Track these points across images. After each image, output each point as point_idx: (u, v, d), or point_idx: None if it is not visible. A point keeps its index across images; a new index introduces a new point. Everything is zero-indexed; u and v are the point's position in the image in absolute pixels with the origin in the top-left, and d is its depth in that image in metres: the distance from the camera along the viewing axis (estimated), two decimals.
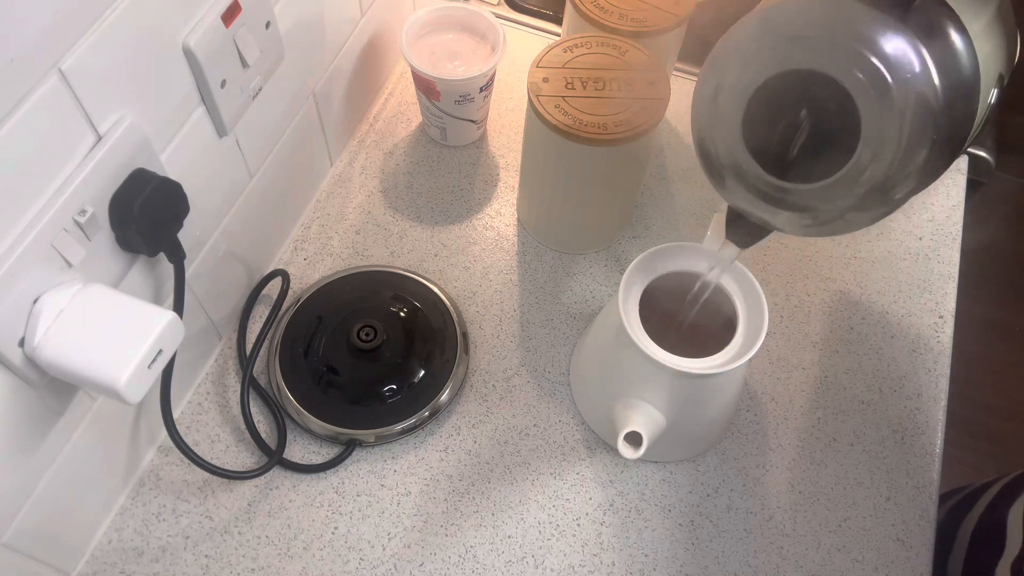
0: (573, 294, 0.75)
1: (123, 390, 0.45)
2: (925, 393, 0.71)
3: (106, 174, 0.47)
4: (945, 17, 0.39)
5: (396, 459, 0.66)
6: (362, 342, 0.67)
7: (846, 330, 0.74)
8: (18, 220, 0.43)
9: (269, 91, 0.62)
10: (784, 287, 0.76)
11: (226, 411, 0.67)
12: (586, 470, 0.66)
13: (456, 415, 0.68)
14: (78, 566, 0.60)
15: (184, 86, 0.53)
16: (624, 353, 0.59)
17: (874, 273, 0.77)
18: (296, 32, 0.63)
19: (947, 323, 0.75)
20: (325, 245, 0.76)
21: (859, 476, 0.67)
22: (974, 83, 0.40)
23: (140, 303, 0.47)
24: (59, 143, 0.44)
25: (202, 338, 0.67)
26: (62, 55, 0.42)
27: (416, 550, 0.62)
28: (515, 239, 0.78)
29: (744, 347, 0.57)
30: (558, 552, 0.62)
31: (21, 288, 0.44)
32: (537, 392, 0.69)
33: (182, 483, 0.64)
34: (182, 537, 0.62)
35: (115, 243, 0.50)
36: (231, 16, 0.53)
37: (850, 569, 0.63)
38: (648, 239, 0.79)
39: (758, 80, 0.42)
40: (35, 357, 0.45)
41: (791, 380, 0.71)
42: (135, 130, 0.48)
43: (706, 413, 0.64)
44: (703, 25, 0.84)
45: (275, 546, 0.62)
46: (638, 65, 0.67)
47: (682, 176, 0.83)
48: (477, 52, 0.77)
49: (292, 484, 0.64)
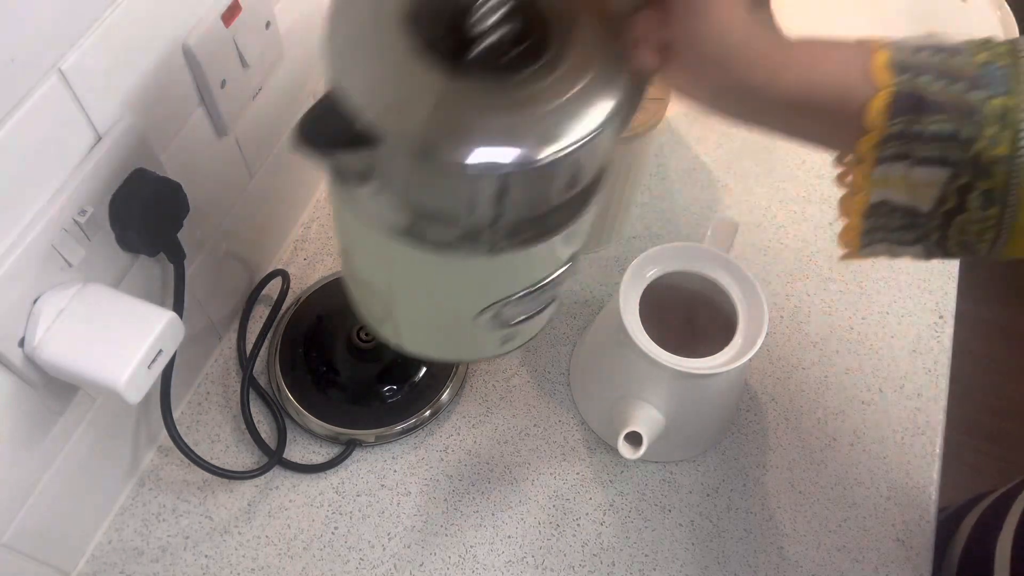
0: (573, 294, 0.75)
1: (123, 390, 0.45)
2: (925, 393, 0.71)
3: (106, 174, 0.47)
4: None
5: (396, 459, 0.66)
6: (362, 342, 0.67)
7: (846, 330, 0.74)
8: (18, 220, 0.43)
9: (269, 91, 0.62)
10: (784, 287, 0.76)
11: (226, 411, 0.67)
12: (586, 470, 0.66)
13: (456, 415, 0.68)
14: (78, 566, 0.60)
15: (184, 86, 0.53)
16: (624, 353, 0.59)
17: (874, 273, 0.77)
18: (296, 32, 0.63)
19: (947, 323, 0.75)
20: (325, 245, 0.76)
21: (859, 476, 0.67)
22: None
23: (140, 303, 0.47)
24: (59, 143, 0.44)
25: (202, 338, 0.67)
26: (62, 55, 0.42)
27: (416, 550, 0.62)
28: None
29: (744, 347, 0.57)
30: (558, 552, 0.62)
31: (21, 288, 0.44)
32: (537, 392, 0.69)
33: (182, 483, 0.64)
34: (182, 537, 0.62)
35: (115, 243, 0.50)
36: (231, 16, 0.53)
37: (850, 569, 0.63)
38: (648, 239, 0.79)
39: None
40: (35, 357, 0.45)
41: (791, 380, 0.71)
42: (135, 130, 0.48)
43: (706, 413, 0.64)
44: None
45: (275, 546, 0.62)
46: None
47: (682, 176, 0.83)
48: None
49: (292, 484, 0.64)
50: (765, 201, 0.81)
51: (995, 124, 0.39)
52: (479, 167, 0.35)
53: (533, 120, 0.36)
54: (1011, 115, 0.39)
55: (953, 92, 0.40)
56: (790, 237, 0.79)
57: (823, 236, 0.79)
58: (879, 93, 0.41)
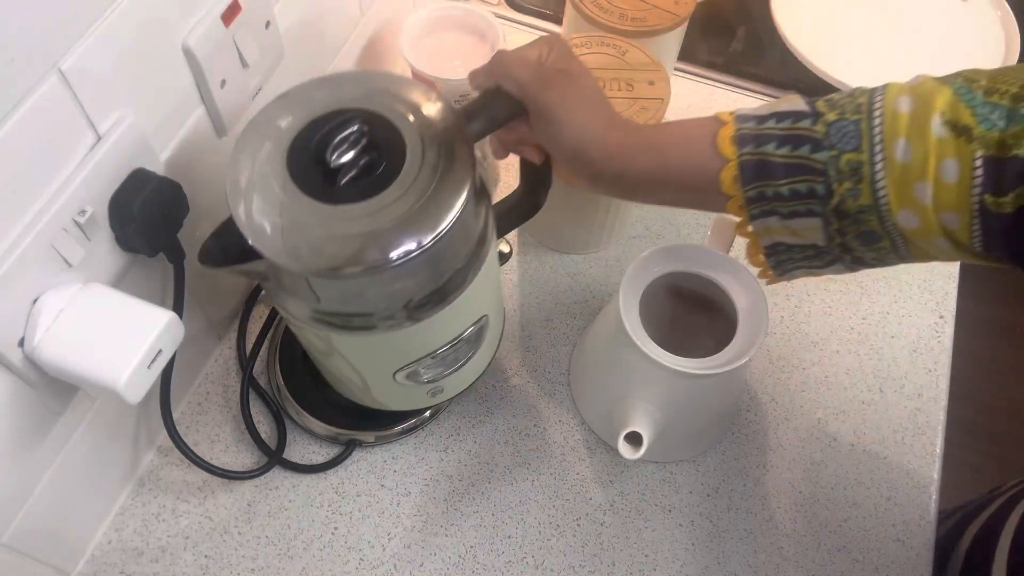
0: (573, 294, 0.75)
1: (123, 390, 0.45)
2: (925, 393, 0.71)
3: (106, 174, 0.47)
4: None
5: (396, 459, 0.66)
6: None
7: (846, 330, 0.74)
8: (18, 220, 0.43)
9: (269, 91, 0.62)
10: (784, 287, 0.76)
11: (226, 411, 0.67)
12: (586, 470, 0.66)
13: (456, 415, 0.68)
14: (78, 566, 0.60)
15: (184, 86, 0.53)
16: (624, 353, 0.59)
17: (874, 273, 0.77)
18: (296, 32, 0.63)
19: (947, 323, 0.75)
20: None
21: (859, 476, 0.67)
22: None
23: (140, 303, 0.47)
24: (59, 143, 0.44)
25: (202, 338, 0.67)
26: (62, 55, 0.42)
27: (416, 550, 0.62)
28: (515, 239, 0.78)
29: (744, 347, 0.57)
30: (558, 552, 0.62)
31: (21, 288, 0.44)
32: (537, 392, 0.69)
33: (182, 483, 0.64)
34: (182, 537, 0.62)
35: (115, 243, 0.50)
36: (231, 16, 0.53)
37: (850, 569, 0.63)
38: (648, 239, 0.79)
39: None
40: (35, 357, 0.45)
41: (791, 380, 0.71)
42: (135, 130, 0.48)
43: (706, 413, 0.64)
44: (703, 25, 0.84)
45: (275, 546, 0.62)
46: (638, 65, 0.67)
47: None
48: (477, 52, 0.77)
49: (292, 484, 0.64)
50: None
51: (849, 179, 0.42)
52: (350, 271, 0.44)
53: (386, 230, 0.44)
54: (864, 169, 0.42)
55: (798, 155, 0.43)
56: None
57: None
58: (727, 165, 0.45)
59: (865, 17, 0.92)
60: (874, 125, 0.42)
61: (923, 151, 0.40)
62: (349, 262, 0.43)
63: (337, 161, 0.44)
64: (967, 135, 0.39)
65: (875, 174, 0.41)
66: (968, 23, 0.92)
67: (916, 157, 0.40)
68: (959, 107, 0.39)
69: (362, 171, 0.45)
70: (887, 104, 0.42)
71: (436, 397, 0.62)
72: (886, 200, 0.41)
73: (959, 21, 0.92)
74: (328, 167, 0.44)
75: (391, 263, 0.43)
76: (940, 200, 0.40)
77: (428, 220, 0.44)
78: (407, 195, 0.45)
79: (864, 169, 0.42)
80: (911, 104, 0.41)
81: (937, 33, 0.91)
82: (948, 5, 0.94)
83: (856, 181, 0.42)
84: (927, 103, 0.40)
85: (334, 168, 0.44)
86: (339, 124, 0.45)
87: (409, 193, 0.45)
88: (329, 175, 0.45)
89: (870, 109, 0.42)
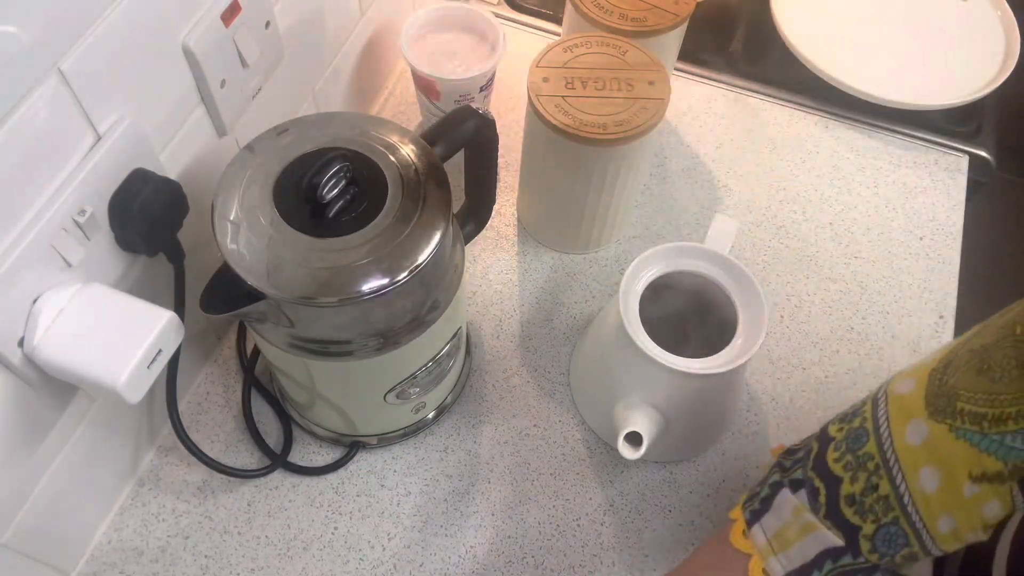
0: (573, 294, 0.75)
1: (123, 390, 0.45)
2: None
3: (106, 174, 0.47)
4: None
5: (396, 459, 0.66)
6: None
7: (846, 330, 0.74)
8: (18, 220, 0.43)
9: (269, 91, 0.62)
10: (784, 287, 0.76)
11: (226, 411, 0.67)
12: (586, 470, 0.66)
13: (456, 415, 0.68)
14: (78, 566, 0.60)
15: (184, 86, 0.53)
16: (624, 353, 0.59)
17: (874, 273, 0.77)
18: (296, 32, 0.63)
19: (947, 323, 0.75)
20: None
21: None
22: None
23: (139, 303, 0.47)
24: (59, 143, 0.44)
25: (202, 338, 0.67)
26: (62, 55, 0.42)
27: (416, 550, 0.62)
28: (515, 239, 0.78)
29: (744, 347, 0.57)
30: (558, 552, 0.62)
31: (21, 288, 0.44)
32: (537, 392, 0.69)
33: (182, 483, 0.64)
34: (182, 537, 0.62)
35: (115, 243, 0.50)
36: (231, 16, 0.53)
37: None
38: (648, 239, 0.79)
39: None
40: (35, 357, 0.45)
41: (791, 380, 0.71)
42: (135, 130, 0.48)
43: (706, 413, 0.64)
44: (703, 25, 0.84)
45: (275, 546, 0.62)
46: (638, 65, 0.67)
47: (682, 176, 0.83)
48: (477, 52, 0.77)
49: (292, 484, 0.64)
50: (765, 201, 0.81)
51: (907, 564, 0.45)
52: (347, 300, 0.46)
53: (367, 265, 0.46)
54: (916, 550, 0.44)
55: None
56: (790, 237, 0.79)
57: (823, 236, 0.79)
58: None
59: (865, 17, 0.92)
60: (910, 514, 0.42)
61: (966, 518, 0.41)
62: (348, 290, 0.46)
63: (326, 196, 0.47)
64: (999, 479, 0.39)
65: (926, 548, 0.43)
66: (968, 23, 0.92)
67: (960, 523, 0.41)
68: (982, 458, 0.39)
69: (348, 205, 0.48)
70: (913, 491, 0.42)
71: (419, 413, 0.65)
72: (933, 544, 0.43)
73: (959, 21, 0.92)
74: (317, 203, 0.47)
75: (397, 284, 0.47)
76: (986, 523, 0.41)
77: (420, 245, 0.48)
78: (396, 225, 0.48)
79: (916, 550, 0.44)
80: (936, 479, 0.41)
81: (937, 33, 0.91)
82: (948, 5, 0.94)
83: (910, 558, 0.44)
84: (951, 471, 0.41)
85: (323, 203, 0.47)
86: (326, 162, 0.47)
87: (397, 223, 0.48)
88: (317, 210, 0.47)
89: (900, 501, 0.43)
